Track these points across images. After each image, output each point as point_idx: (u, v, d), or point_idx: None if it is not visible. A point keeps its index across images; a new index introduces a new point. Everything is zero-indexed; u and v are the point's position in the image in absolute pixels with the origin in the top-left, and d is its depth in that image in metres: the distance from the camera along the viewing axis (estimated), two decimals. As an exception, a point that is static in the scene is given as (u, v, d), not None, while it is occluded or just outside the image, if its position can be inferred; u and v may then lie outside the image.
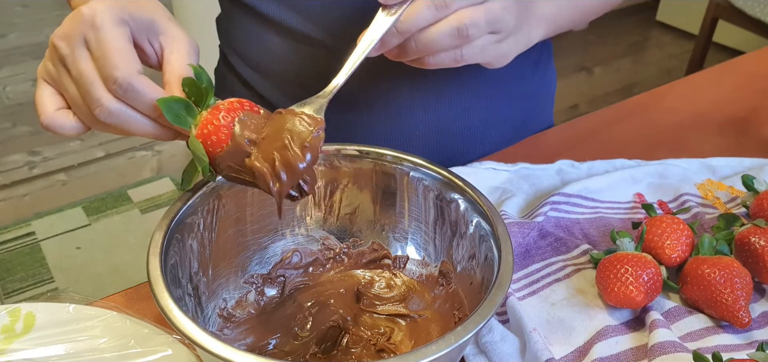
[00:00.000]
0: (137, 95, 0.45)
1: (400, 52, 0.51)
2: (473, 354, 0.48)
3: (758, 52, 0.98)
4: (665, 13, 3.05)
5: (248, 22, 0.69)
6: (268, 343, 0.50)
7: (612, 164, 0.68)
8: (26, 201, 1.89)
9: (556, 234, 0.58)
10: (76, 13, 0.46)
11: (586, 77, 2.67)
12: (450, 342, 0.38)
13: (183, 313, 0.39)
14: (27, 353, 0.46)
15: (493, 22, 0.50)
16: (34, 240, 1.72)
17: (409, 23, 0.48)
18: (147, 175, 1.98)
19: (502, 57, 0.54)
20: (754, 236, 0.52)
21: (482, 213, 0.49)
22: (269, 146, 0.44)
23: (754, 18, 2.06)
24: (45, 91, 0.48)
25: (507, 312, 0.51)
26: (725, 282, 0.49)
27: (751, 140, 0.75)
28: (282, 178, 0.43)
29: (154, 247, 0.43)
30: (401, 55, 0.51)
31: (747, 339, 0.49)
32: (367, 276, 0.55)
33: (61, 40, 0.46)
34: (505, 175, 0.66)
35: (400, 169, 0.53)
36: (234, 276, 0.52)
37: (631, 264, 0.49)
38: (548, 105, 0.82)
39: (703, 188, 0.65)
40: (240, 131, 0.44)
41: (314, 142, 0.44)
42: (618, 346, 0.48)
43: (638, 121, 0.79)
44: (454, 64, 0.51)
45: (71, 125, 0.48)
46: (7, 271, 1.63)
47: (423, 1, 0.48)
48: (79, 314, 0.48)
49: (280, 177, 0.43)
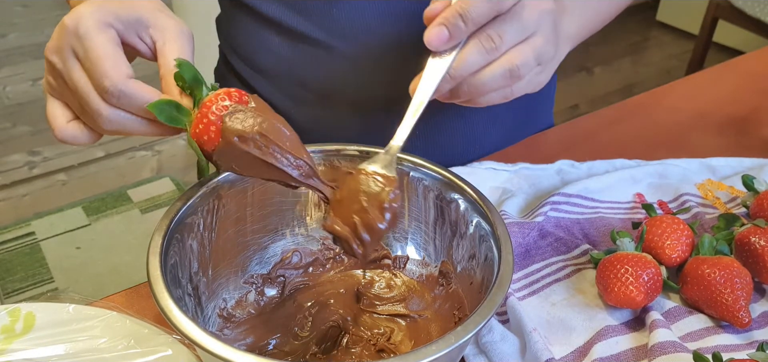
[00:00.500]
0: (130, 100, 0.45)
1: (451, 94, 0.50)
2: (473, 354, 0.48)
3: (758, 52, 0.98)
4: (665, 13, 3.05)
5: (248, 22, 0.69)
6: (268, 343, 0.50)
7: (612, 164, 0.68)
8: (26, 201, 1.89)
9: (556, 234, 0.58)
10: (61, 24, 0.46)
11: (586, 77, 2.67)
12: (450, 342, 0.38)
13: (183, 313, 0.39)
14: (27, 353, 0.46)
15: (539, 56, 0.50)
16: (34, 240, 1.72)
17: (461, 69, 0.48)
18: (147, 175, 1.98)
19: (543, 82, 0.54)
20: (754, 236, 0.52)
21: (482, 213, 0.48)
22: (348, 209, 0.44)
23: (754, 18, 2.06)
24: (54, 104, 0.49)
25: (507, 312, 0.51)
26: (725, 282, 0.49)
27: (751, 140, 0.75)
28: (365, 239, 0.44)
29: (154, 247, 0.43)
30: (453, 98, 0.51)
31: (747, 339, 0.49)
32: (367, 276, 0.55)
33: (53, 54, 0.46)
34: (505, 175, 0.66)
35: (400, 169, 0.53)
36: (234, 276, 0.52)
37: (631, 264, 0.49)
38: (548, 105, 0.82)
39: (703, 188, 0.65)
40: (229, 127, 0.43)
41: (392, 202, 0.44)
42: (618, 346, 0.48)
43: (638, 121, 0.79)
44: (503, 100, 0.52)
45: (84, 135, 0.48)
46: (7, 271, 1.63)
47: (473, 45, 0.47)
48: (79, 314, 0.48)
49: (362, 239, 0.44)
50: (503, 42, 0.48)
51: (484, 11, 0.46)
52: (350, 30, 0.64)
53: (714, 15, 2.19)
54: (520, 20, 0.48)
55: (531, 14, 0.49)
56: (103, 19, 0.45)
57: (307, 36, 0.66)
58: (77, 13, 0.45)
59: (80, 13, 0.45)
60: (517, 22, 0.48)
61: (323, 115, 0.69)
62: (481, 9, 0.46)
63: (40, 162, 2.04)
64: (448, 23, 0.46)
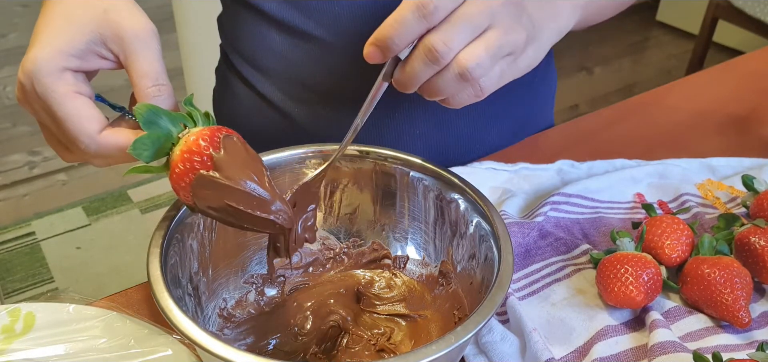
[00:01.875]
0: (109, 151, 0.44)
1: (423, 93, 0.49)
2: (473, 354, 0.48)
3: (758, 52, 0.98)
4: (665, 13, 3.05)
5: (250, 20, 0.69)
6: (268, 343, 0.50)
7: (612, 164, 0.68)
8: (26, 201, 1.89)
9: (556, 234, 0.58)
10: (18, 79, 0.45)
11: (586, 77, 2.67)
12: (450, 342, 0.38)
13: (183, 313, 0.39)
14: (27, 353, 0.46)
15: (498, 50, 0.47)
16: (34, 240, 1.72)
17: (409, 83, 0.47)
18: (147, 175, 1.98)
19: (527, 67, 0.52)
20: (754, 236, 0.52)
21: (482, 213, 0.49)
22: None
23: (754, 18, 2.06)
24: (50, 138, 0.48)
25: (507, 312, 0.51)
26: (725, 282, 0.49)
27: (751, 140, 0.75)
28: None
29: (154, 247, 0.43)
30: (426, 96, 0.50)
31: (747, 339, 0.49)
32: (367, 276, 0.55)
33: (24, 105, 0.46)
34: (505, 175, 0.66)
35: (400, 169, 0.53)
36: (234, 276, 0.52)
37: (631, 264, 0.49)
38: (548, 105, 0.82)
39: (703, 188, 0.65)
40: (198, 201, 0.41)
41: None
42: (618, 346, 0.48)
43: (638, 121, 0.79)
44: (476, 99, 0.49)
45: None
46: (7, 271, 1.63)
47: (418, 58, 0.46)
48: (79, 314, 0.48)
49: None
50: (450, 48, 0.45)
51: (411, 33, 0.44)
52: (352, 28, 0.64)
53: (714, 15, 2.19)
54: (467, 20, 0.45)
55: (480, 10, 0.45)
56: (55, 65, 0.43)
57: (309, 34, 0.66)
58: (29, 62, 0.43)
59: (32, 62, 0.43)
60: (463, 23, 0.45)
61: (324, 113, 0.69)
62: (407, 33, 0.44)
63: (41, 162, 2.04)
64: (379, 44, 0.46)
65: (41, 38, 0.44)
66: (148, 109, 0.41)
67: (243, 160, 0.41)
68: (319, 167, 0.50)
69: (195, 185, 0.40)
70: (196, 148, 0.40)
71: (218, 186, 0.40)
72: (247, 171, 0.41)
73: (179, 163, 0.41)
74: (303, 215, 0.49)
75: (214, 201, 0.40)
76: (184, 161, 0.40)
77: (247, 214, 0.41)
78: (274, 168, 0.53)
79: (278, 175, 0.53)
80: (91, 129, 0.43)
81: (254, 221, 0.42)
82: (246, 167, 0.41)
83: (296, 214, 0.48)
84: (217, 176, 0.40)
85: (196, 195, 0.40)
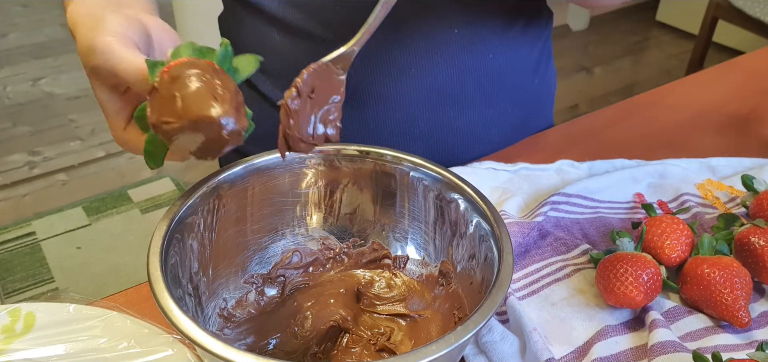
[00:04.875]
0: (133, 150, 0.48)
1: None
2: (473, 354, 0.48)
3: (758, 52, 0.98)
4: (665, 13, 3.05)
5: (250, 19, 0.69)
6: (268, 343, 0.50)
7: (612, 164, 0.68)
8: (26, 201, 1.89)
9: (556, 234, 0.58)
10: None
11: (586, 77, 2.67)
12: (450, 342, 0.38)
13: (183, 313, 0.39)
14: (27, 353, 0.46)
15: None
16: (34, 240, 1.72)
17: None
18: (147, 175, 1.98)
19: None
20: (753, 236, 0.52)
21: (482, 213, 0.49)
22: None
23: (754, 18, 2.06)
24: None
25: (507, 312, 0.51)
26: (725, 282, 0.49)
27: (751, 140, 0.75)
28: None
29: (154, 247, 0.43)
30: None
31: (747, 339, 0.49)
32: (367, 276, 0.55)
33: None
34: (505, 175, 0.66)
35: (400, 169, 0.53)
36: (234, 276, 0.52)
37: (631, 264, 0.49)
38: (548, 105, 0.82)
39: (703, 188, 0.65)
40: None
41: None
42: (618, 346, 0.48)
43: (638, 121, 0.79)
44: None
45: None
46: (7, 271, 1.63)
47: None
48: (79, 314, 0.48)
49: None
50: None
51: None
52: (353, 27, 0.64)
53: (714, 15, 2.19)
54: None
55: None
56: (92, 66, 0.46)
57: (310, 33, 0.66)
58: (80, 50, 0.46)
59: (87, 61, 0.46)
60: None
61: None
62: None
63: (41, 162, 2.04)
64: None
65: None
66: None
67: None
68: (344, 47, 0.45)
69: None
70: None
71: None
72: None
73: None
74: (322, 107, 0.45)
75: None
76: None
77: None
78: (274, 168, 0.53)
79: (278, 174, 0.53)
80: (119, 125, 0.47)
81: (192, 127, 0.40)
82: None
83: (313, 104, 0.44)
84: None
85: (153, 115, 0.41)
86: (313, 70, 0.44)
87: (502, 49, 0.69)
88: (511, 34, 0.70)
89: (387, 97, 0.67)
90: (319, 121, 0.45)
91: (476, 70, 0.68)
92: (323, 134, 0.45)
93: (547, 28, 0.76)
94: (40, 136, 2.15)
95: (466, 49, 0.67)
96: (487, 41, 0.68)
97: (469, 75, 0.68)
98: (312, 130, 0.44)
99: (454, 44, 0.66)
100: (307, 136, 0.44)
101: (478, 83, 0.69)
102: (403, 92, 0.67)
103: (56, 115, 2.27)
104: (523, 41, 0.72)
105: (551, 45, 0.80)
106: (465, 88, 0.69)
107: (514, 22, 0.70)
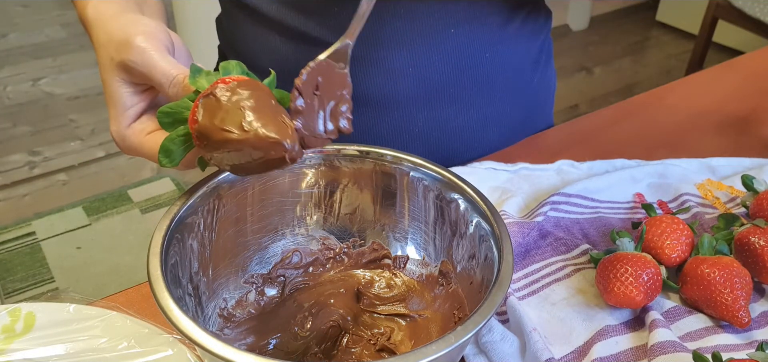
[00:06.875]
0: (127, 149, 0.48)
1: None
2: (473, 354, 0.48)
3: (758, 52, 0.98)
4: (665, 13, 3.05)
5: (249, 21, 0.69)
6: (268, 343, 0.50)
7: (612, 164, 0.68)
8: (26, 201, 1.89)
9: (556, 234, 0.58)
10: None
11: (586, 77, 2.67)
12: (450, 342, 0.38)
13: (183, 313, 0.39)
14: (27, 353, 0.46)
15: None
16: (34, 240, 1.72)
17: None
18: (147, 175, 1.98)
19: None
20: (753, 236, 0.52)
21: (482, 213, 0.49)
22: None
23: (754, 18, 2.06)
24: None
25: (507, 312, 0.51)
26: (725, 282, 0.49)
27: (751, 140, 0.75)
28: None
29: (154, 247, 0.43)
30: None
31: (747, 339, 0.49)
32: (367, 276, 0.55)
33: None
34: (505, 175, 0.66)
35: (400, 169, 0.53)
36: (234, 276, 0.52)
37: (631, 264, 0.49)
38: (548, 105, 0.82)
39: (703, 188, 0.65)
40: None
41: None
42: (618, 346, 0.48)
43: (638, 121, 0.79)
44: None
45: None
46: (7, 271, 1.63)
47: None
48: (79, 314, 0.48)
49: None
50: None
51: None
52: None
53: (714, 15, 2.19)
54: None
55: None
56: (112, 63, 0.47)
57: (308, 35, 0.66)
58: (107, 42, 0.47)
59: (108, 44, 0.47)
60: None
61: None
62: None
63: (41, 162, 2.04)
64: None
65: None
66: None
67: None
68: (338, 42, 0.45)
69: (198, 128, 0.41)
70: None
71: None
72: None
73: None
74: (330, 101, 0.45)
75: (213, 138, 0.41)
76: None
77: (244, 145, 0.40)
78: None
79: (278, 175, 0.53)
80: (122, 123, 0.48)
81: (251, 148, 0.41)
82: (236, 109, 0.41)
83: (320, 101, 0.44)
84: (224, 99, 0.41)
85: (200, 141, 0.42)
86: (312, 69, 0.44)
87: (500, 48, 0.69)
88: (509, 33, 0.70)
89: (385, 97, 0.67)
90: (329, 116, 0.45)
91: (474, 69, 0.68)
92: (335, 128, 0.45)
93: (545, 27, 0.76)
94: (40, 136, 2.15)
95: (464, 48, 0.67)
96: (484, 40, 0.68)
97: (467, 74, 0.68)
98: (323, 126, 0.44)
99: (451, 43, 0.66)
100: (319, 132, 0.44)
101: (476, 82, 0.69)
102: (401, 91, 0.67)
103: (56, 115, 2.27)
104: (520, 40, 0.72)
105: (551, 45, 0.80)
106: (462, 87, 0.69)
107: (511, 21, 0.70)
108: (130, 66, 0.46)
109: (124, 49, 0.46)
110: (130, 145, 0.48)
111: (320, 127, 0.44)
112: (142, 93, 0.48)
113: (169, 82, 0.45)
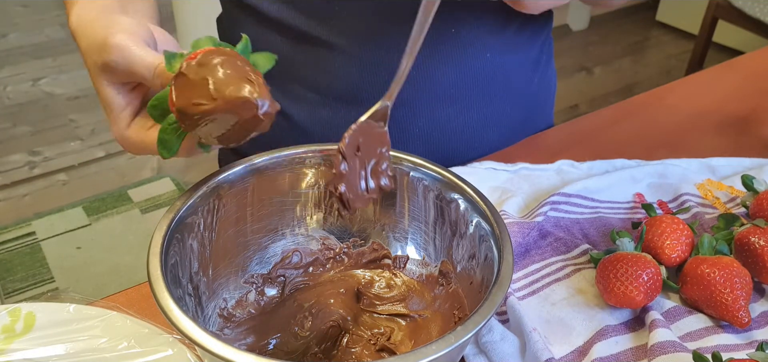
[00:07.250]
0: (132, 149, 0.48)
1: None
2: (473, 354, 0.48)
3: (758, 52, 0.98)
4: (665, 13, 3.05)
5: (249, 22, 0.69)
6: (268, 343, 0.50)
7: (612, 164, 0.68)
8: (26, 201, 1.89)
9: (556, 234, 0.58)
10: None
11: (586, 77, 2.67)
12: (450, 342, 0.38)
13: (183, 313, 0.39)
14: (27, 353, 0.46)
15: None
16: (34, 240, 1.72)
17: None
18: (147, 175, 1.98)
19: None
20: (753, 236, 0.52)
21: (482, 213, 0.49)
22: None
23: (754, 18, 2.06)
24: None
25: (507, 312, 0.51)
26: (725, 282, 0.49)
27: (751, 140, 0.75)
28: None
29: (154, 247, 0.43)
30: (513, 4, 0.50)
31: (747, 339, 0.49)
32: (367, 276, 0.55)
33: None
34: (505, 175, 0.66)
35: (400, 169, 0.53)
36: (234, 276, 0.52)
37: (631, 264, 0.49)
38: (548, 105, 0.82)
39: (703, 188, 0.65)
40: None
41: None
42: (618, 346, 0.48)
43: (638, 121, 0.79)
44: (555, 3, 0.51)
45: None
46: (7, 271, 1.63)
47: None
48: (79, 314, 0.48)
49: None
50: None
51: None
52: (352, 28, 0.64)
53: (714, 15, 2.19)
54: None
55: None
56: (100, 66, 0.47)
57: (309, 35, 0.66)
58: (89, 47, 0.47)
59: (90, 49, 0.47)
60: None
61: (324, 114, 0.69)
62: None
63: (41, 162, 2.04)
64: None
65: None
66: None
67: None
68: (377, 104, 0.47)
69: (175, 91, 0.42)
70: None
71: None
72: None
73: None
74: (371, 160, 0.47)
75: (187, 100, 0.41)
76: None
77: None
78: (273, 168, 0.53)
79: (278, 175, 0.53)
80: (121, 125, 0.48)
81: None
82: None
83: (361, 161, 0.46)
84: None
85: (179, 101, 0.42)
86: (354, 131, 0.46)
87: (500, 48, 0.69)
88: (509, 34, 0.70)
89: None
90: (370, 175, 0.47)
91: (474, 70, 0.68)
92: (377, 186, 0.47)
93: (546, 27, 0.76)
94: (40, 136, 2.15)
95: (464, 48, 0.67)
96: (484, 40, 0.68)
97: (467, 74, 0.68)
98: (365, 185, 0.46)
99: (452, 43, 0.66)
100: (362, 192, 0.46)
101: (476, 82, 0.69)
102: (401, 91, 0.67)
103: (56, 115, 2.27)
104: (521, 40, 0.72)
105: (552, 45, 0.80)
106: (463, 87, 0.69)
107: (512, 22, 0.70)
108: (112, 66, 0.46)
109: (104, 50, 0.46)
110: (133, 144, 0.48)
111: (362, 186, 0.46)
112: (133, 90, 0.48)
113: (151, 74, 0.45)
